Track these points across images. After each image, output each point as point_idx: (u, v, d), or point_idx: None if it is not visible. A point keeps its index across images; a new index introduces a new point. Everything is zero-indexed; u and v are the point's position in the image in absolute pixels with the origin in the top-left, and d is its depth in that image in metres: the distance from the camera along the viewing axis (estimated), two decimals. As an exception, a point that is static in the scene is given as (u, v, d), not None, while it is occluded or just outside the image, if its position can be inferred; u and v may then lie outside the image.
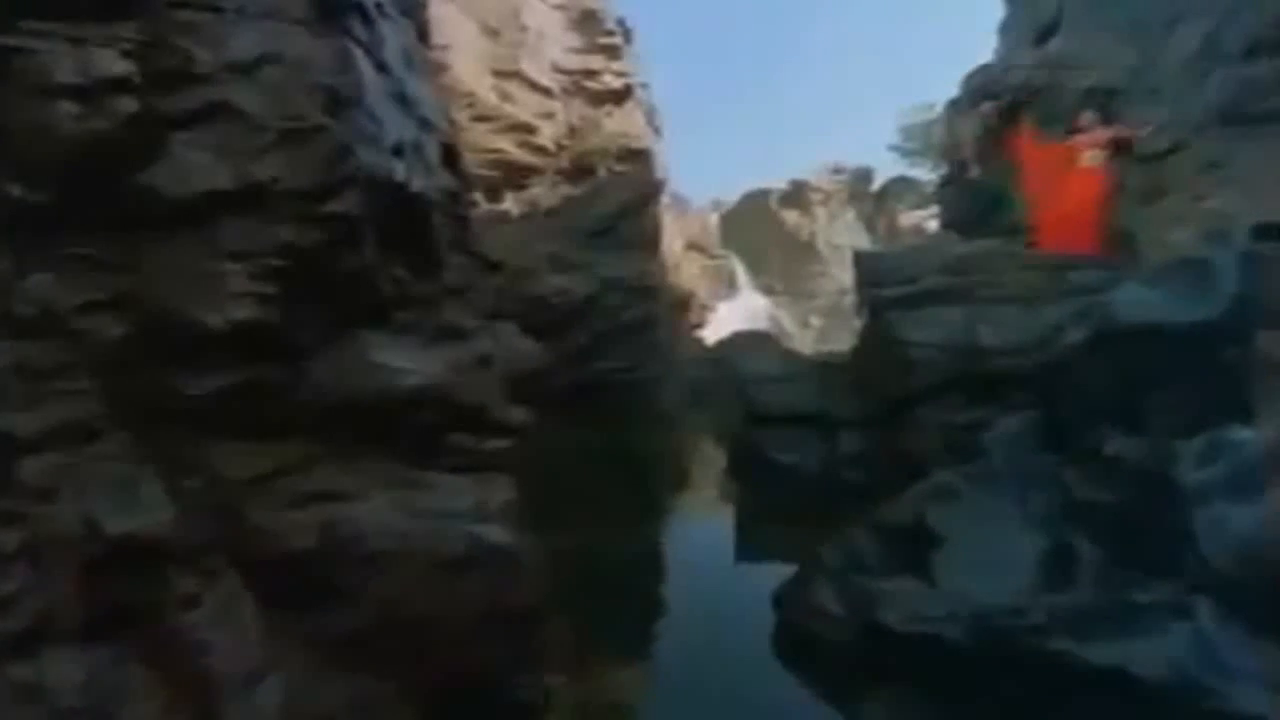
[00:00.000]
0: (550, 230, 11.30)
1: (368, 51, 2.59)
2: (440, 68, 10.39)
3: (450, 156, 3.70)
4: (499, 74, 10.62)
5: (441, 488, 2.34)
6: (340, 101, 2.28)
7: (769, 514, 6.19)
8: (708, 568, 5.64)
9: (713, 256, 25.96)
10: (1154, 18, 6.13)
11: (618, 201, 11.21)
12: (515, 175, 10.70)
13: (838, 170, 30.98)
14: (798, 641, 3.03)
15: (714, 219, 31.70)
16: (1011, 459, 2.13)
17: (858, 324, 7.27)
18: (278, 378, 2.14)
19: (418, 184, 2.77)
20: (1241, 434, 1.58)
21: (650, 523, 7.21)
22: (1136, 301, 1.96)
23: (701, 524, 7.11)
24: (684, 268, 19.86)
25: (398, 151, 2.63)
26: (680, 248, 21.84)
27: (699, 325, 17.24)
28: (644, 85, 13.28)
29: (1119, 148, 5.49)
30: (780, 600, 3.24)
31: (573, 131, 11.20)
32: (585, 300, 11.55)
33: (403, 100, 2.90)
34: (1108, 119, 5.66)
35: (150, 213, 1.94)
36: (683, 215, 25.19)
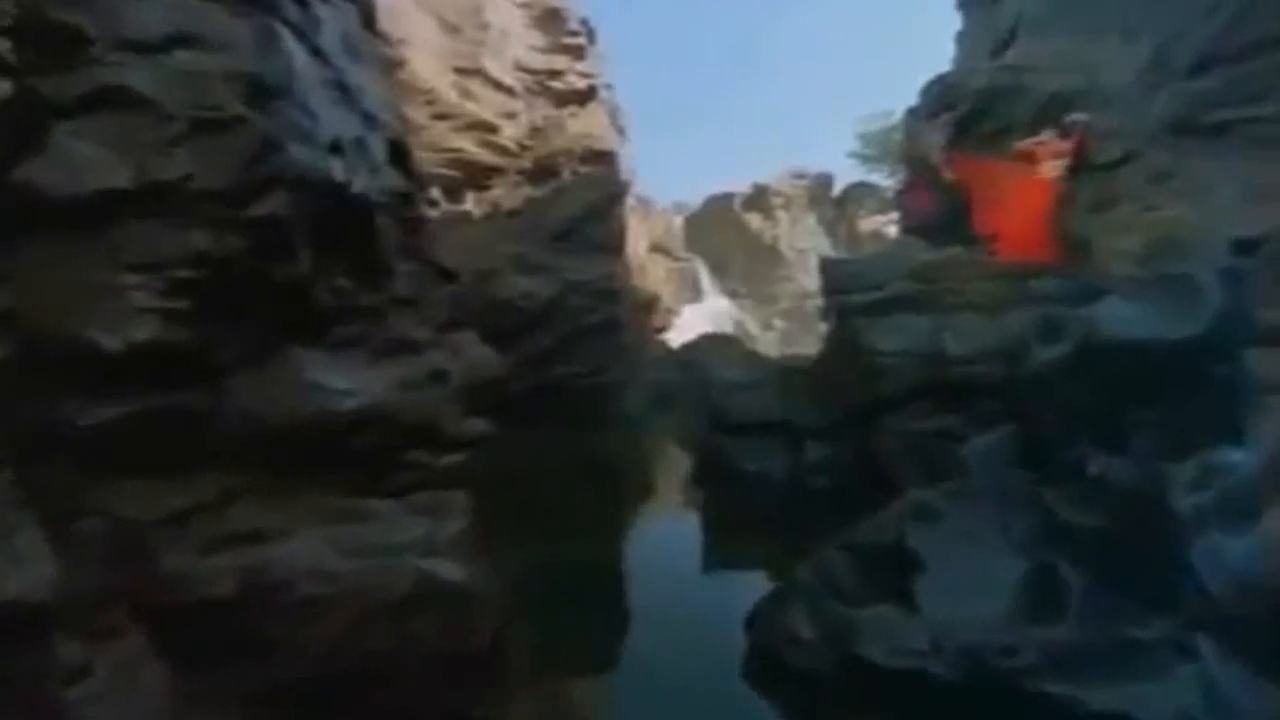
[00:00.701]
0: (513, 232, 11.00)
1: (300, 35, 2.31)
2: (397, 63, 10.00)
3: (400, 154, 3.41)
4: (460, 71, 10.28)
5: (386, 518, 2.09)
6: (265, 90, 2.01)
7: (736, 522, 6.08)
8: (675, 577, 5.50)
9: (677, 259, 25.96)
10: (1107, 31, 6.25)
11: (582, 203, 10.99)
12: (477, 175, 10.38)
13: (799, 175, 31.38)
14: (769, 667, 2.89)
15: (678, 221, 31.74)
16: (990, 476, 2.03)
17: (822, 328, 7.24)
18: (190, 404, 1.86)
19: (360, 184, 2.50)
20: (1233, 456, 1.50)
21: (615, 530, 7.03)
22: (1119, 317, 1.89)
23: (667, 530, 6.98)
24: (649, 270, 19.74)
25: (335, 148, 2.36)
26: (645, 249, 21.74)
27: (664, 328, 17.13)
28: (608, 86, 13.07)
29: (1077, 159, 5.56)
30: (752, 622, 3.09)
31: (536, 132, 10.92)
32: (549, 303, 11.30)
33: (343, 91, 2.62)
34: (1066, 133, 5.73)
35: (31, 214, 1.64)
36: (647, 217, 25.09)
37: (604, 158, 11.20)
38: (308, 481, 2.01)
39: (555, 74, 11.13)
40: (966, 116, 8.70)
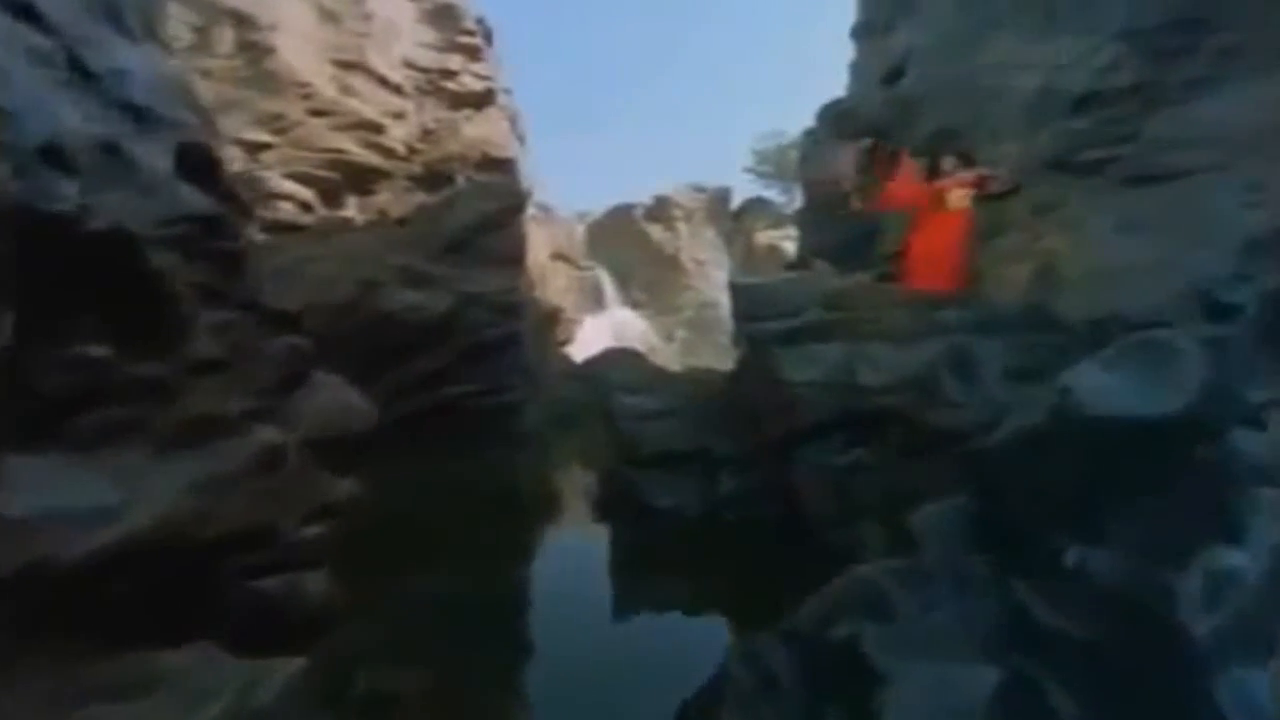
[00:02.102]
0: (402, 241, 10.15)
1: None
2: (264, 50, 8.92)
3: (199, 166, 2.62)
4: (340, 65, 9.34)
5: (165, 686, 1.43)
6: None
7: (648, 560, 5.76)
8: (582, 624, 5.08)
9: (580, 268, 25.65)
10: (995, 66, 6.56)
11: (478, 212, 10.33)
12: (359, 178, 9.46)
13: (698, 188, 32.08)
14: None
15: (580, 230, 31.56)
16: (944, 556, 1.83)
17: (723, 339, 7.03)
18: None
19: (110, 210, 1.81)
20: (1234, 559, 1.35)
21: (514, 564, 6.56)
22: (1095, 388, 1.73)
23: (573, 568, 6.57)
24: (550, 280, 19.23)
25: (52, 156, 1.70)
26: (546, 258, 21.22)
27: (566, 341, 16.65)
28: (507, 91, 12.46)
29: (981, 190, 5.74)
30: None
31: (427, 134, 10.14)
32: (441, 318, 10.54)
33: (79, 73, 1.90)
34: (968, 161, 5.92)
35: None
36: (549, 224, 24.61)
37: (502, 165, 10.62)
38: (37, 649, 1.35)
39: (449, 74, 10.42)
40: (876, 145, 8.94)
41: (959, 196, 5.28)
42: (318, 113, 8.99)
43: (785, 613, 2.39)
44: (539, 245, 20.50)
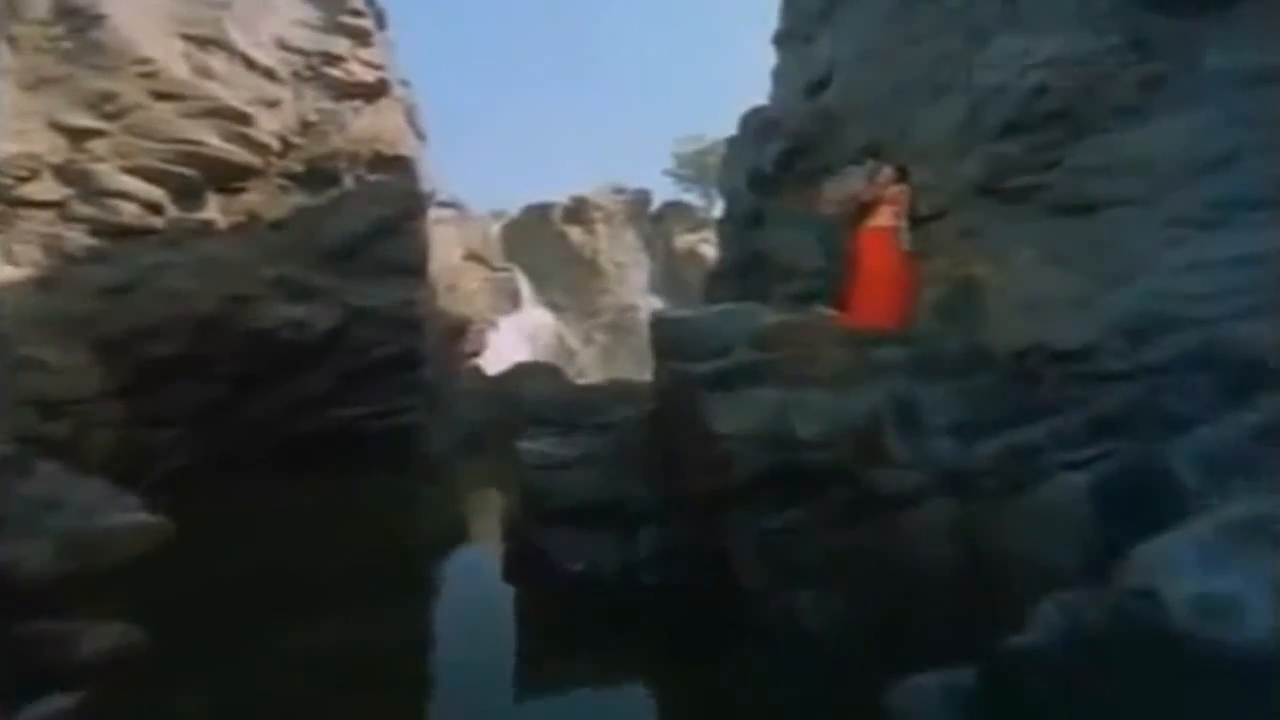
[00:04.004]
0: (277, 248, 8.88)
1: None
2: (90, 18, 7.43)
3: None
4: (193, 41, 7.93)
5: None
6: None
7: (557, 631, 5.06)
8: (477, 699, 4.37)
9: (495, 269, 24.54)
10: (922, 85, 6.31)
11: (370, 216, 9.21)
12: (222, 175, 8.11)
13: (618, 190, 31.59)
14: None
15: (495, 229, 30.46)
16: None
17: (644, 344, 6.41)
18: None
19: None
20: None
21: (400, 621, 5.69)
22: (1189, 594, 1.25)
23: (472, 622, 5.83)
24: (463, 281, 18.10)
25: None
26: (459, 259, 20.10)
27: (475, 353, 15.57)
28: (404, 82, 11.23)
29: (906, 211, 5.39)
30: None
31: (307, 127, 8.87)
32: (327, 335, 9.38)
33: None
34: (903, 176, 5.55)
35: None
36: (462, 223, 23.47)
37: (398, 163, 9.50)
38: None
39: (332, 59, 9.16)
40: (781, 155, 8.61)
41: (889, 213, 4.88)
42: (163, 96, 7.59)
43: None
44: (451, 245, 19.39)
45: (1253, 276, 4.21)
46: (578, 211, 31.59)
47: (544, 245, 31.06)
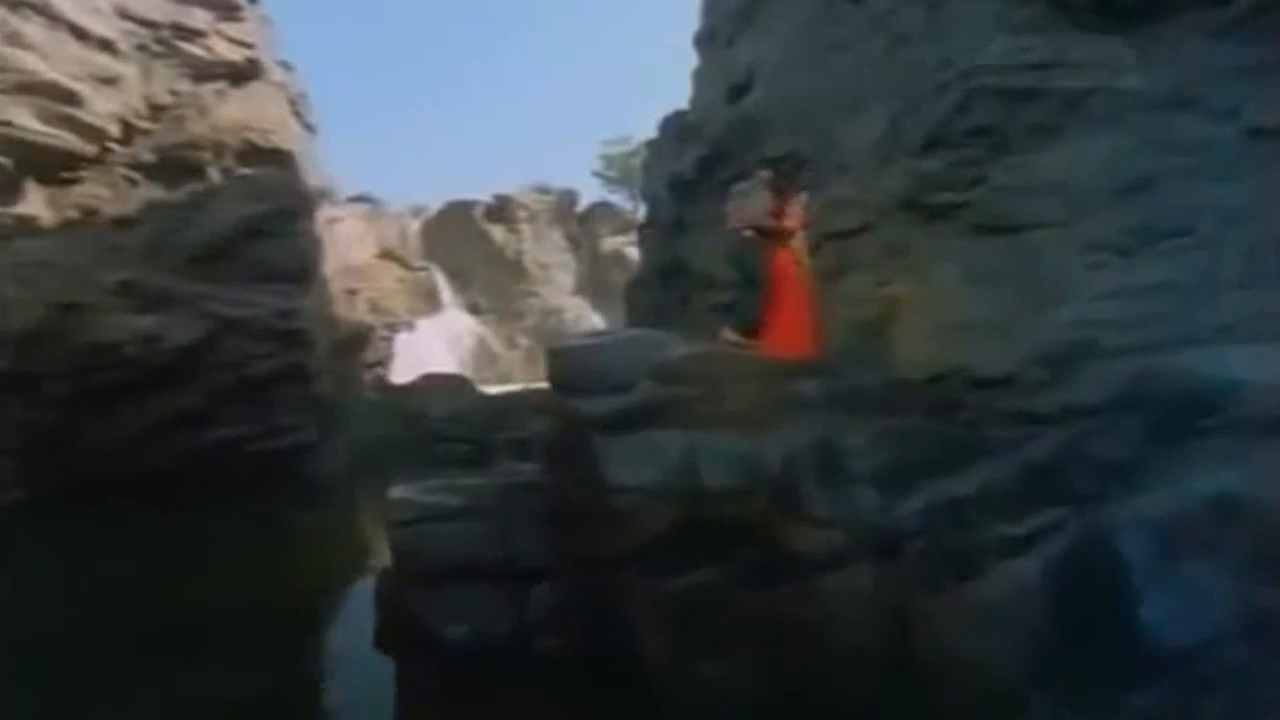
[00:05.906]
0: (124, 250, 7.65)
1: None
2: None
3: None
4: (2, 3, 6.56)
5: None
6: None
7: (436, 709, 4.37)
8: None
9: (412, 268, 23.19)
10: (844, 96, 5.99)
11: (240, 215, 8.09)
12: (46, 164, 6.82)
13: (543, 190, 30.71)
14: None
15: (414, 226, 28.98)
16: None
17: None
18: None
19: None
20: None
21: (268, 677, 5.09)
22: None
23: (353, 674, 5.18)
24: (375, 280, 16.84)
25: None
26: (372, 256, 18.77)
27: (380, 363, 14.39)
28: (286, 65, 9.99)
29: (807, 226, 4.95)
30: None
31: (158, 111, 7.62)
32: (190, 349, 8.21)
33: None
34: (787, 188, 5.04)
35: None
36: (376, 218, 22.04)
37: (276, 156, 8.38)
38: None
39: (189, 34, 7.90)
40: (701, 161, 8.20)
41: (798, 235, 4.46)
42: (-36, 64, 6.28)
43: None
44: (362, 243, 18.09)
45: (1173, 305, 4.07)
46: (501, 210, 30.51)
47: (466, 244, 29.85)
